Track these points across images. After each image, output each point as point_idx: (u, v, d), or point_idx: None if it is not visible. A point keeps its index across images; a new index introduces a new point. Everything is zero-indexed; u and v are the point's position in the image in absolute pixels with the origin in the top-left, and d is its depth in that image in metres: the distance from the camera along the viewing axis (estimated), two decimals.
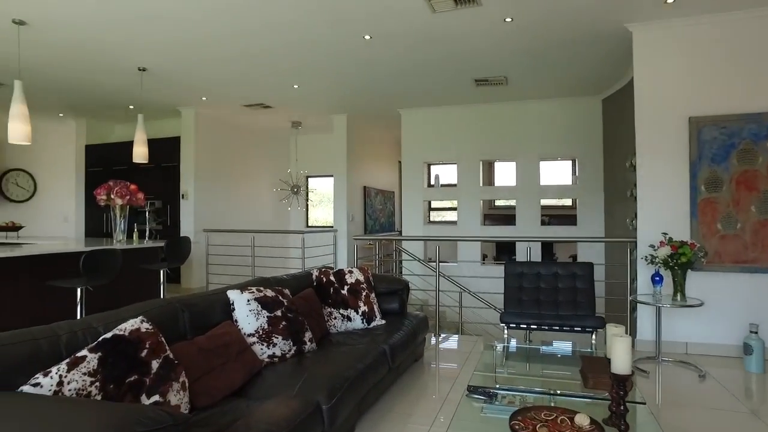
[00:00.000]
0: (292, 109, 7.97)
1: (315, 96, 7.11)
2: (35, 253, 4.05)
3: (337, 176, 8.39)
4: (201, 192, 7.82)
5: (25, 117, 4.26)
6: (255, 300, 2.80)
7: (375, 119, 8.80)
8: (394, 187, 11.04)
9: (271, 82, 6.35)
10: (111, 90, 6.63)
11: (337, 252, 8.32)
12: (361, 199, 8.98)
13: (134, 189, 5.32)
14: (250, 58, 5.43)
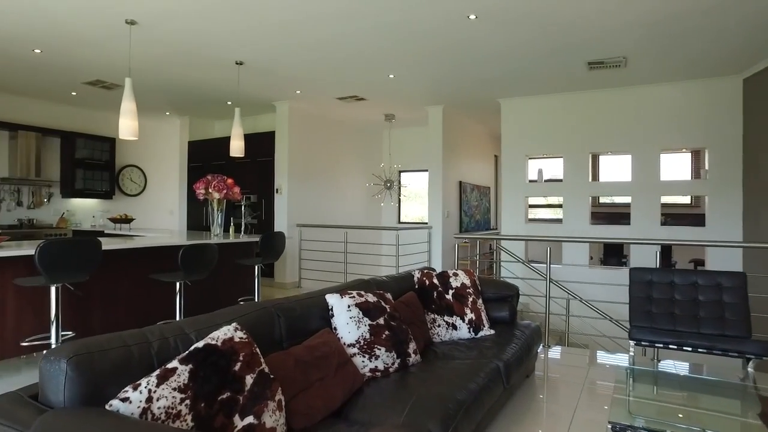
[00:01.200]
0: (386, 101, 7.72)
1: (410, 86, 6.79)
2: (138, 246, 4.10)
3: (432, 171, 8.03)
4: (294, 186, 7.81)
5: (133, 113, 4.34)
6: (356, 306, 2.52)
7: (471, 110, 8.32)
8: (490, 183, 10.47)
9: (366, 72, 6.11)
10: (211, 86, 6.76)
11: (432, 250, 7.97)
12: (456, 194, 8.55)
13: (231, 183, 5.32)
14: (346, 46, 5.21)
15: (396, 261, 7.02)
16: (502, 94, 7.27)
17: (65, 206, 8.16)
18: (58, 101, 7.86)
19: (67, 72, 6.18)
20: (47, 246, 2.89)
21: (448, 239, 8.11)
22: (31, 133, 7.44)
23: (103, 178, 8.41)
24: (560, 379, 3.73)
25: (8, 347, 3.44)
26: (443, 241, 7.99)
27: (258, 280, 4.81)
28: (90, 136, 8.22)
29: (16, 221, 7.50)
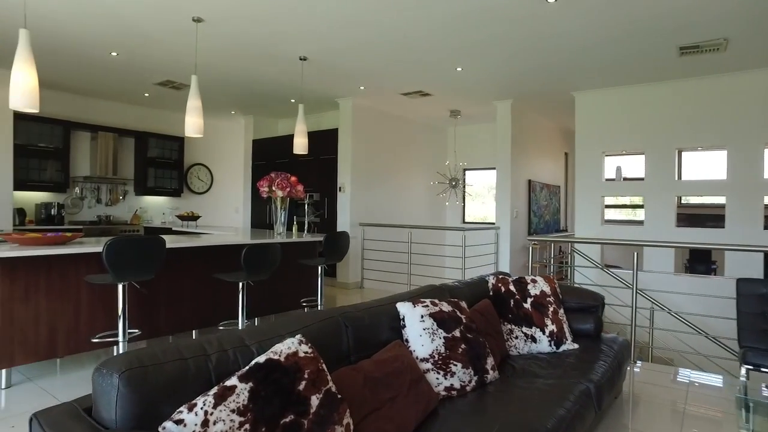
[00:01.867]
0: (452, 96, 7.41)
1: (478, 80, 6.46)
2: (202, 245, 4.06)
3: (500, 168, 7.64)
4: (357, 185, 7.68)
5: (199, 110, 4.32)
6: (430, 316, 2.28)
7: (542, 105, 7.85)
8: (560, 182, 9.90)
9: (433, 65, 5.85)
10: (275, 83, 6.73)
11: (499, 252, 7.59)
12: (525, 194, 8.11)
13: (294, 181, 5.22)
14: (412, 39, 4.98)
15: (462, 263, 6.72)
16: (577, 87, 6.77)
17: (138, 203, 8.47)
18: (133, 103, 8.15)
19: (140, 73, 6.34)
20: (113, 244, 2.86)
21: (516, 241, 7.70)
22: (109, 133, 7.75)
23: (173, 176, 8.65)
24: (653, 401, 3.32)
25: (82, 342, 3.47)
26: (511, 242, 7.59)
27: (321, 281, 4.69)
28: (161, 135, 8.48)
29: (95, 217, 7.85)
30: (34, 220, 7.19)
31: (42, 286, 3.26)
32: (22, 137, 6.81)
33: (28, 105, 3.28)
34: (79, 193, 7.72)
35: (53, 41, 5.15)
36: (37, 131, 7.01)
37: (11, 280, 3.12)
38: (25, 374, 3.44)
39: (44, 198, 7.35)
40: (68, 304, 3.39)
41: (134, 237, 2.99)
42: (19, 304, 3.16)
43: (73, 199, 7.64)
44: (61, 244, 3.30)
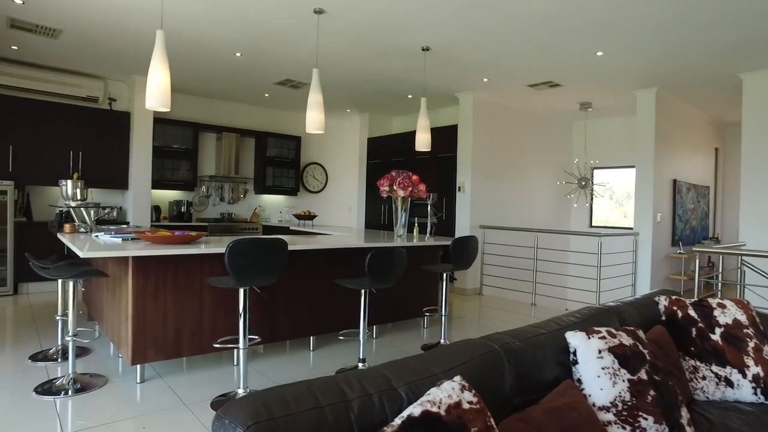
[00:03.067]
0: (585, 86, 6.64)
1: (620, 65, 5.66)
2: (323, 247, 3.86)
3: (641, 166, 6.71)
4: (478, 184, 7.19)
5: (320, 105, 4.15)
6: (609, 351, 1.78)
7: (692, 92, 6.76)
8: (709, 182, 8.57)
9: (568, 51, 5.20)
10: (393, 77, 6.47)
11: (638, 261, 6.67)
12: (669, 195, 7.08)
13: (416, 180, 4.89)
14: (547, 22, 4.41)
15: (597, 273, 5.96)
16: (748, 67, 5.68)
17: (257, 202, 8.72)
18: (254, 103, 8.39)
19: (261, 73, 6.42)
20: (236, 246, 2.70)
21: (657, 249, 6.73)
22: (232, 134, 8.04)
23: (289, 175, 8.80)
24: None
25: (204, 343, 3.42)
26: (653, 251, 6.64)
27: (446, 289, 4.30)
28: (279, 135, 8.66)
29: (219, 215, 8.19)
30: (168, 216, 7.65)
31: (169, 284, 3.24)
32: (158, 139, 7.25)
33: (162, 104, 3.28)
34: (205, 191, 8.09)
35: (186, 47, 5.32)
36: (171, 133, 7.44)
37: (144, 278, 3.12)
38: (156, 369, 3.46)
39: (176, 196, 7.80)
40: (192, 305, 3.35)
41: (256, 239, 2.82)
42: (150, 302, 3.16)
43: (200, 197, 8.03)
44: (187, 243, 3.25)
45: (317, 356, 3.96)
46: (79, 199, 4.25)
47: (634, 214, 6.83)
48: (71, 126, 6.50)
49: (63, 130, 6.44)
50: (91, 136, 6.63)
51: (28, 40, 5.41)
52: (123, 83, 7.13)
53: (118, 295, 3.34)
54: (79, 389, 3.07)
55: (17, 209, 6.24)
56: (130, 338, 3.10)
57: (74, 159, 6.50)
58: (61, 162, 6.39)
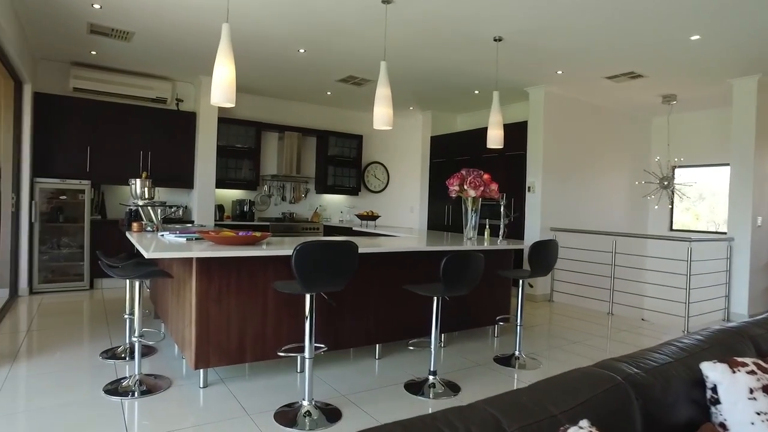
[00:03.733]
0: (672, 77, 6.05)
1: (716, 51, 5.08)
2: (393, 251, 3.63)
3: (737, 164, 6.04)
4: (548, 184, 6.74)
5: (388, 99, 3.93)
6: (763, 391, 1.43)
7: None
8: None
9: (656, 36, 4.70)
10: (461, 72, 6.17)
11: (732, 270, 6.01)
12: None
13: (488, 179, 4.57)
14: (631, 4, 3.97)
15: (686, 282, 5.39)
16: None
17: (318, 201, 8.65)
18: (315, 102, 8.32)
19: (324, 70, 6.30)
20: (304, 249, 2.51)
21: (757, 257, 6.03)
22: (294, 133, 8.01)
23: (351, 175, 8.67)
24: None
25: (268, 350, 3.29)
26: (751, 260, 5.95)
27: (522, 297, 3.96)
28: (340, 134, 8.54)
29: (280, 214, 8.19)
30: (231, 216, 7.71)
31: (233, 287, 3.11)
32: (222, 138, 7.31)
33: (226, 99, 3.17)
34: (267, 190, 8.10)
35: (250, 44, 5.26)
36: (234, 133, 7.49)
37: (208, 280, 3.01)
38: (219, 374, 3.36)
39: (239, 195, 7.85)
40: (256, 309, 3.21)
41: (325, 242, 2.62)
42: (213, 305, 3.05)
43: (262, 196, 8.05)
44: (251, 244, 3.12)
45: (383, 365, 3.74)
46: (146, 197, 4.25)
47: (728, 218, 6.16)
48: (142, 127, 6.66)
49: (134, 131, 6.60)
50: (159, 136, 6.77)
51: (104, 45, 5.56)
52: (190, 84, 7.25)
53: (182, 297, 3.26)
54: (145, 391, 3.01)
55: (93, 207, 6.46)
56: (194, 342, 3.00)
57: (144, 159, 6.66)
58: (132, 162, 6.56)
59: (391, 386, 3.31)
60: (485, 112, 8.37)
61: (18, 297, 5.71)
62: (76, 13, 4.65)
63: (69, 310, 5.23)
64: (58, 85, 6.32)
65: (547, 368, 3.83)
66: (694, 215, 8.35)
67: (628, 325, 5.58)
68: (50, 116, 6.07)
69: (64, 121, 6.16)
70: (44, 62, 6.33)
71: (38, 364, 3.52)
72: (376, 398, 3.09)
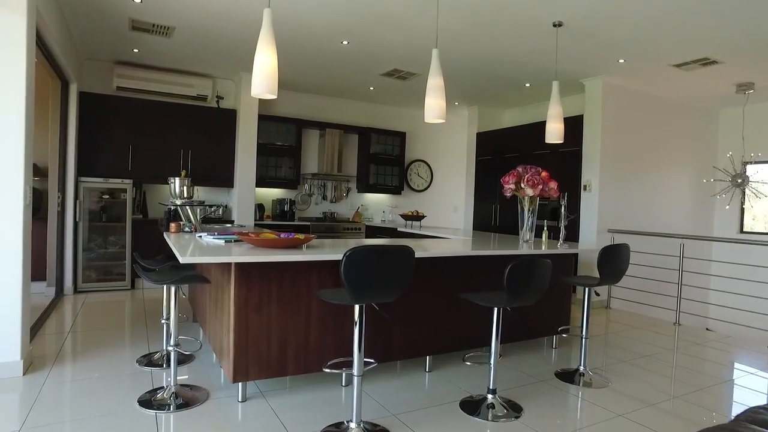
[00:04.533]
0: (752, 61, 5.47)
1: None
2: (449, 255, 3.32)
3: None
4: (606, 183, 6.26)
5: (441, 90, 3.61)
6: None
7: None
8: None
9: (736, 15, 4.20)
10: (513, 60, 5.78)
11: None
12: None
13: (546, 176, 4.20)
14: None
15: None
16: None
17: (360, 201, 8.41)
18: (357, 98, 8.08)
19: (367, 63, 6.03)
20: (355, 255, 2.23)
21: None
22: (335, 130, 7.79)
23: (393, 173, 8.38)
24: None
25: (311, 362, 3.03)
26: None
27: (588, 307, 3.58)
28: (383, 131, 8.27)
29: (321, 214, 7.99)
30: (271, 215, 7.56)
31: (274, 294, 2.87)
32: (262, 136, 7.16)
33: (268, 89, 2.93)
34: (308, 189, 7.92)
35: (292, 35, 5.04)
36: (274, 130, 7.33)
37: (247, 286, 2.78)
38: (259, 386, 3.14)
39: (279, 194, 7.70)
40: (298, 318, 2.96)
41: (379, 248, 2.32)
42: (253, 314, 2.81)
43: (302, 195, 7.87)
44: (294, 247, 2.87)
45: (433, 379, 3.43)
46: (185, 197, 4.09)
47: None
48: (182, 124, 6.57)
49: (174, 129, 6.52)
50: (199, 134, 6.67)
51: (146, 41, 5.47)
52: (230, 81, 7.13)
53: (221, 303, 3.04)
54: (181, 405, 2.81)
55: (135, 207, 6.41)
56: (232, 354, 2.77)
57: (184, 157, 6.57)
58: (172, 160, 6.48)
59: (446, 404, 3.00)
60: (534, 107, 7.94)
61: (63, 296, 5.70)
62: (118, 8, 4.55)
63: (110, 310, 5.16)
64: (102, 84, 6.30)
65: (616, 386, 3.44)
66: (750, 216, 7.62)
67: (696, 336, 5.07)
68: (94, 115, 6.05)
69: (107, 120, 6.13)
70: (89, 62, 6.32)
71: (77, 367, 3.40)
72: (429, 418, 2.79)
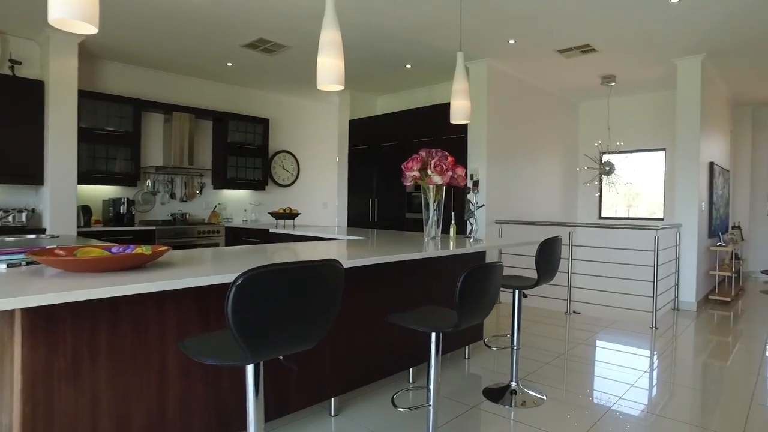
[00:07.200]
0: (622, 53, 5.54)
1: (690, 18, 4.57)
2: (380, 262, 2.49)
3: (683, 148, 5.73)
4: (493, 171, 5.97)
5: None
6: None
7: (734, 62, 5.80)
8: (728, 165, 7.78)
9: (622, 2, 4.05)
10: (400, 36, 5.14)
11: (681, 257, 5.69)
12: (706, 182, 6.13)
13: (452, 162, 3.61)
14: None
15: (654, 274, 4.88)
16: None
17: (217, 198, 7.16)
18: (212, 77, 6.82)
19: (226, 30, 4.91)
20: (253, 281, 1.28)
21: (700, 242, 5.78)
22: (185, 114, 6.44)
23: (255, 166, 7.27)
24: None
25: None
26: (699, 246, 5.68)
27: (518, 311, 3.03)
28: (243, 117, 7.11)
29: (169, 216, 6.58)
30: (101, 220, 5.98)
31: (101, 349, 1.76)
32: (87, 119, 5.59)
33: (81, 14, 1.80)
34: (151, 186, 6.46)
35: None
36: (104, 111, 5.77)
37: (48, 343, 1.63)
38: None
39: (112, 193, 6.13)
40: (147, 379, 1.88)
41: (293, 268, 1.37)
42: (62, 385, 1.68)
43: (144, 194, 6.39)
44: (134, 268, 1.80)
45: (341, 425, 2.59)
46: None
47: (677, 205, 5.82)
48: None
49: None
50: None
51: None
52: (32, 42, 5.36)
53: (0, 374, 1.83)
54: None
55: None
56: None
57: None
58: None
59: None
60: (409, 93, 7.46)
61: None
62: None
63: None
64: None
65: (553, 398, 2.95)
66: (613, 202, 8.11)
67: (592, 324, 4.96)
68: None
69: None
70: None
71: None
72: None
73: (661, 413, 2.81)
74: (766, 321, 5.20)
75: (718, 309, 5.78)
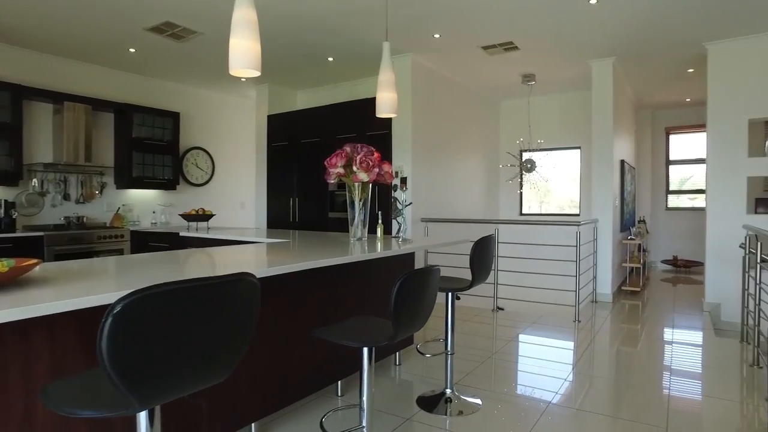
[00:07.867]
0: (542, 52, 5.63)
1: (605, 21, 4.69)
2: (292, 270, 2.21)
3: (598, 147, 5.95)
4: (418, 168, 5.86)
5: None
6: None
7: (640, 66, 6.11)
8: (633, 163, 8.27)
9: None
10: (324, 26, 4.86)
11: (598, 251, 5.90)
12: (618, 178, 6.42)
13: (378, 158, 3.42)
14: None
15: (576, 268, 4.99)
16: (714, 35, 5.08)
17: (121, 199, 6.47)
18: (113, 64, 6.14)
19: (127, 9, 4.38)
20: (137, 307, 0.98)
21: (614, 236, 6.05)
22: (79, 105, 5.73)
23: (165, 164, 6.67)
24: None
25: None
26: (614, 240, 5.93)
27: (452, 315, 2.88)
28: (150, 110, 6.49)
29: (62, 219, 5.82)
30: None
31: None
32: None
33: None
34: (38, 186, 5.69)
35: None
36: None
37: None
38: None
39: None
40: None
41: (193, 286, 1.07)
42: None
43: (29, 195, 5.61)
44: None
45: None
46: None
47: (592, 201, 6.03)
48: None
49: None
50: None
51: None
52: None
53: None
54: None
55: None
56: None
57: None
58: None
59: None
60: (329, 89, 7.19)
61: None
62: None
63: None
64: None
65: (489, 405, 2.84)
66: (527, 198, 8.36)
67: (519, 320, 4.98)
68: None
69: None
70: None
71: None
72: None
73: (581, 407, 2.80)
74: (667, 307, 5.59)
75: (630, 299, 6.08)
